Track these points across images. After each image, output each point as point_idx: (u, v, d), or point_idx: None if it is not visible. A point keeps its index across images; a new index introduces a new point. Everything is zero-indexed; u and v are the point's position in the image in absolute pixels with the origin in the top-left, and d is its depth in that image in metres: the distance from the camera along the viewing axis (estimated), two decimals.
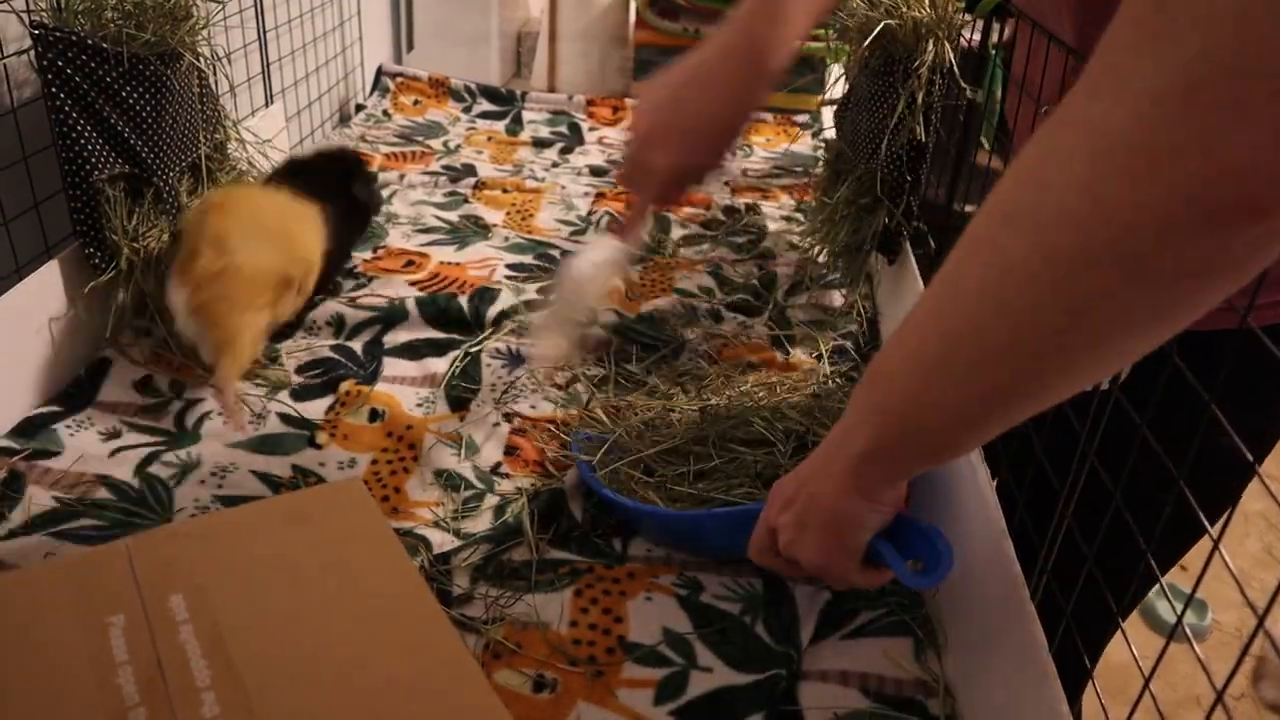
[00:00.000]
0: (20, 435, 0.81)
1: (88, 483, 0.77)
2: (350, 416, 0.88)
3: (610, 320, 1.03)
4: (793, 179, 1.53)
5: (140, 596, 0.50)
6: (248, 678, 0.46)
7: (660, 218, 1.32)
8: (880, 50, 0.98)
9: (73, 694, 0.45)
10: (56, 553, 0.70)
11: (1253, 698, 1.59)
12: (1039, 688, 0.54)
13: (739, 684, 0.65)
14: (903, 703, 0.64)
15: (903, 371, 0.49)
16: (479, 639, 0.66)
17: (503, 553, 0.74)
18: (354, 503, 0.60)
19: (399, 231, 1.24)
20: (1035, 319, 0.40)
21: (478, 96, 1.75)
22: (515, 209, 1.34)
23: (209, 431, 0.85)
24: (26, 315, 0.85)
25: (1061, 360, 0.41)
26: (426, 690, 0.48)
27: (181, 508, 0.76)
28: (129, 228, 0.92)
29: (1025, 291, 0.40)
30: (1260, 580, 1.78)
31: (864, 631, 0.69)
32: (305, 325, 1.01)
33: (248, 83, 1.29)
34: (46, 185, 0.92)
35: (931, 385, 0.47)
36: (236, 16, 1.22)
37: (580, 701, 0.63)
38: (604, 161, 1.54)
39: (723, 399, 0.87)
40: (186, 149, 0.99)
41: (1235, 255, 0.35)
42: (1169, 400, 0.53)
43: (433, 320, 1.03)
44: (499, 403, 0.91)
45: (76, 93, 0.86)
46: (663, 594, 0.71)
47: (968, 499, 0.69)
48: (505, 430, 0.88)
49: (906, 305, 0.99)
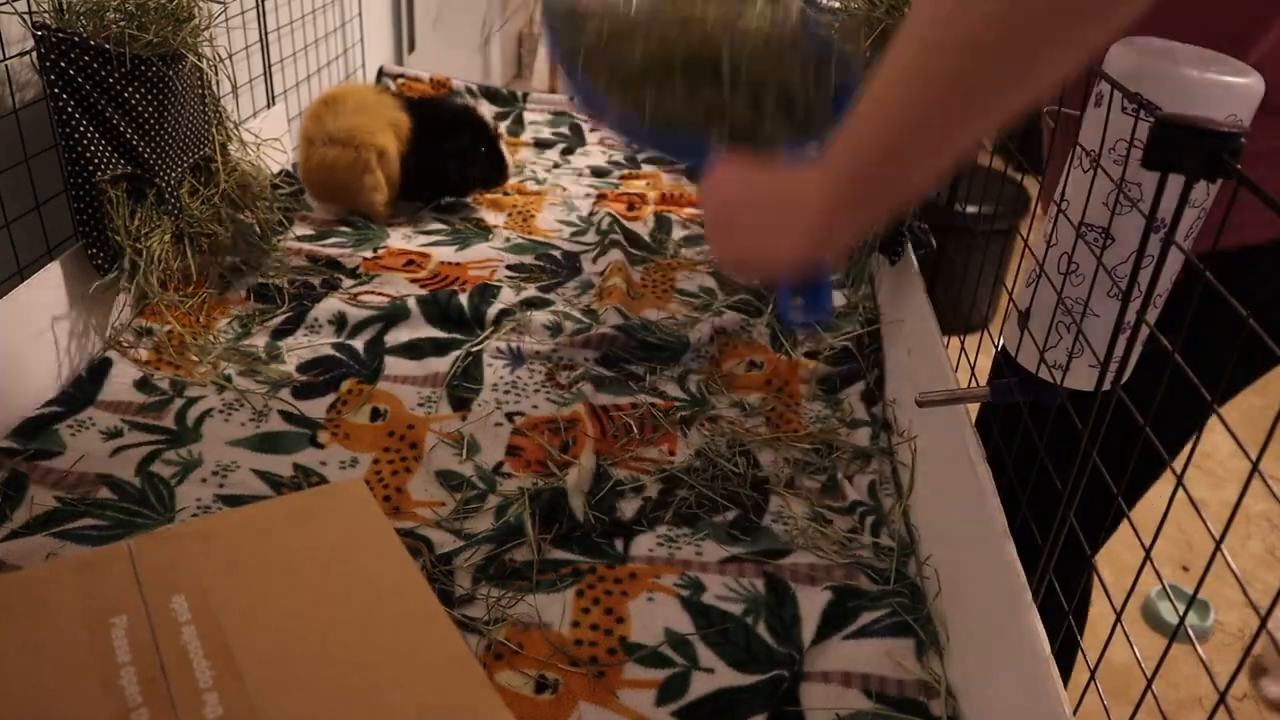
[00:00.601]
0: (22, 435, 0.81)
1: (89, 483, 0.77)
2: (352, 415, 0.88)
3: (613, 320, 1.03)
4: None
5: (143, 597, 0.50)
6: (250, 678, 0.46)
7: (662, 218, 1.32)
8: (882, 50, 0.98)
9: (75, 694, 0.45)
10: (58, 553, 0.70)
11: (1255, 698, 1.59)
12: (1040, 688, 0.54)
13: (741, 685, 0.65)
14: (904, 703, 0.64)
15: (879, 98, 0.52)
16: (481, 639, 0.66)
17: (504, 553, 0.74)
18: (356, 503, 0.60)
19: (399, 233, 1.24)
20: (986, 20, 0.46)
21: (479, 97, 1.75)
22: (516, 210, 1.34)
23: (210, 430, 0.85)
24: (28, 315, 0.85)
25: (1015, 47, 0.46)
26: (429, 690, 0.48)
27: (183, 507, 0.76)
28: (131, 228, 0.92)
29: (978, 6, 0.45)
30: (1263, 581, 1.78)
31: (866, 632, 0.69)
32: (307, 323, 1.01)
33: (249, 84, 1.29)
34: (49, 186, 0.92)
35: (910, 91, 0.50)
36: (238, 18, 1.22)
37: (582, 702, 0.63)
38: (605, 162, 1.54)
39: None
40: (188, 150, 0.99)
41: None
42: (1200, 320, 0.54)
43: (434, 319, 1.03)
44: (500, 403, 0.91)
45: (79, 94, 0.86)
46: (665, 594, 0.71)
47: (968, 500, 0.69)
48: (507, 430, 0.88)
49: (908, 305, 0.99)
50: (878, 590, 0.72)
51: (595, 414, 0.90)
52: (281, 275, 1.09)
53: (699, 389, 0.96)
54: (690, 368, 1.00)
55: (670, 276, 1.18)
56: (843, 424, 0.92)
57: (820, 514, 0.80)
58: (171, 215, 0.97)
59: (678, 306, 1.11)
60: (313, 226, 1.24)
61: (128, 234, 0.92)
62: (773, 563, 0.75)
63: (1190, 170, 0.46)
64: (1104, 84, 0.58)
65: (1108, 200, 0.60)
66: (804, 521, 0.79)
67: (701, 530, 0.77)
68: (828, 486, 0.84)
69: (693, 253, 1.25)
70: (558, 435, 0.87)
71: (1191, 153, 0.46)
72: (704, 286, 1.15)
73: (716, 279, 1.17)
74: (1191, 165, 0.46)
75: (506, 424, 0.89)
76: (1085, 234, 0.61)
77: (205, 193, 1.03)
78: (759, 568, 0.74)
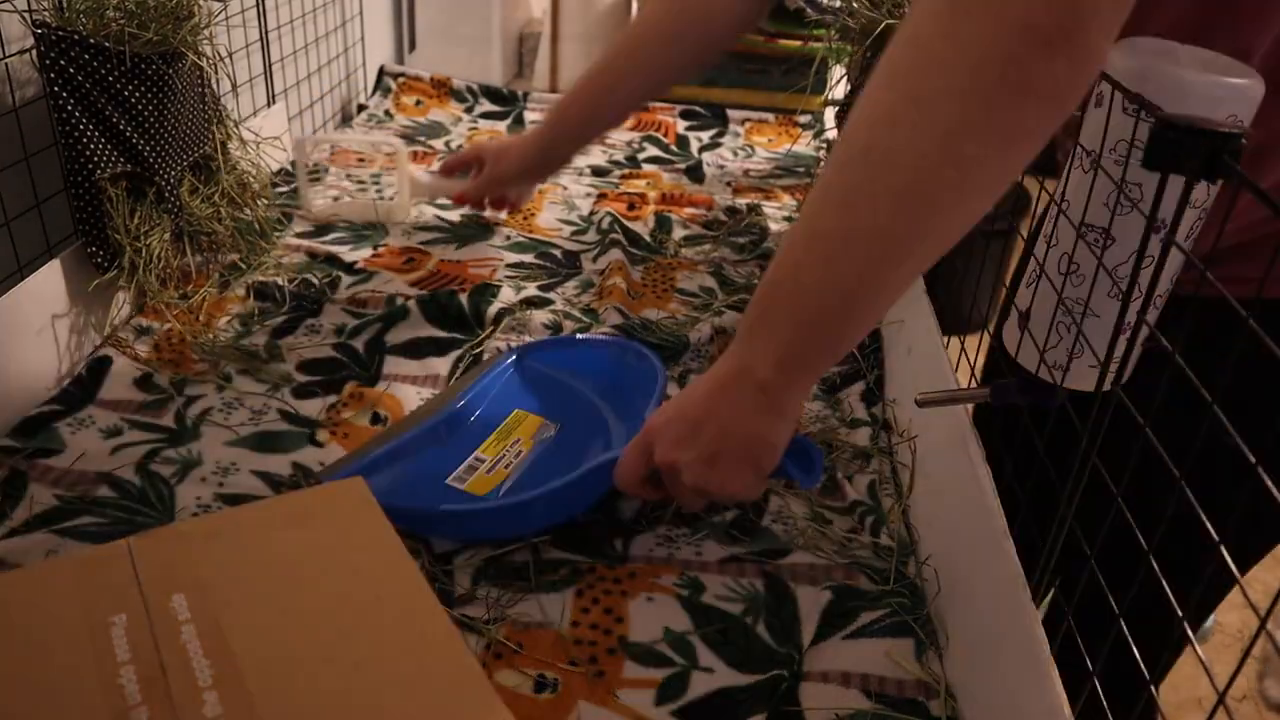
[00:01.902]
0: (21, 434, 0.81)
1: (89, 481, 0.77)
2: (352, 417, 0.88)
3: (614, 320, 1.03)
4: (795, 179, 1.53)
5: (142, 595, 0.50)
6: (250, 677, 0.46)
7: (662, 218, 1.32)
8: (882, 51, 0.98)
9: (74, 693, 0.45)
10: (58, 550, 0.70)
11: (1255, 699, 1.59)
12: (1040, 688, 0.54)
13: (740, 684, 0.65)
14: (904, 704, 0.64)
15: (801, 262, 0.54)
16: (480, 639, 0.66)
17: (505, 553, 0.74)
18: (356, 502, 0.60)
19: (399, 230, 1.24)
20: (916, 160, 0.47)
21: (480, 97, 1.75)
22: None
23: (210, 429, 0.85)
24: (28, 314, 0.85)
25: (944, 195, 0.49)
26: (428, 690, 0.48)
27: (183, 506, 0.76)
28: (131, 227, 0.92)
29: (904, 135, 0.47)
30: (1263, 582, 1.78)
31: (865, 632, 0.69)
32: (307, 322, 1.01)
33: (250, 82, 1.29)
34: (48, 184, 0.92)
35: (831, 254, 0.52)
36: (239, 16, 1.22)
37: (581, 701, 0.63)
38: (605, 162, 1.54)
39: None
40: (188, 148, 0.99)
41: (1058, 77, 0.46)
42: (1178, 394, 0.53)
43: (433, 318, 1.03)
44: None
45: (78, 92, 0.86)
46: (664, 594, 0.71)
47: (968, 499, 0.69)
48: None
49: (908, 305, 0.99)
50: (877, 590, 0.72)
51: None
52: (281, 274, 1.09)
53: None
54: (690, 367, 1.00)
55: (670, 276, 1.18)
56: (842, 424, 0.92)
57: (820, 514, 0.80)
58: (171, 213, 0.97)
59: (678, 306, 1.11)
60: (312, 224, 1.24)
61: (127, 232, 0.92)
62: (772, 563, 0.75)
63: (1190, 171, 0.46)
64: (1104, 84, 0.58)
65: (1108, 201, 0.60)
66: (804, 521, 0.79)
67: (701, 530, 0.77)
68: (827, 486, 0.84)
69: (693, 253, 1.25)
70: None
71: (1192, 153, 0.46)
72: (704, 286, 1.15)
73: (717, 279, 1.17)
74: (1191, 166, 0.46)
75: None
76: (1086, 234, 0.62)
77: (205, 191, 1.03)
78: (759, 568, 0.74)
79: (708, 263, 1.22)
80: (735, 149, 1.65)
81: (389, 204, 1.27)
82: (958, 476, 0.72)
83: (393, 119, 1.64)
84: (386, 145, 1.35)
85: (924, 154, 0.47)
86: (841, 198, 0.52)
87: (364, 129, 1.59)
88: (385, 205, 1.27)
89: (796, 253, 0.54)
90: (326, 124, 1.57)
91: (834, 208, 0.52)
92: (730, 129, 1.73)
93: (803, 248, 0.54)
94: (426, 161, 1.48)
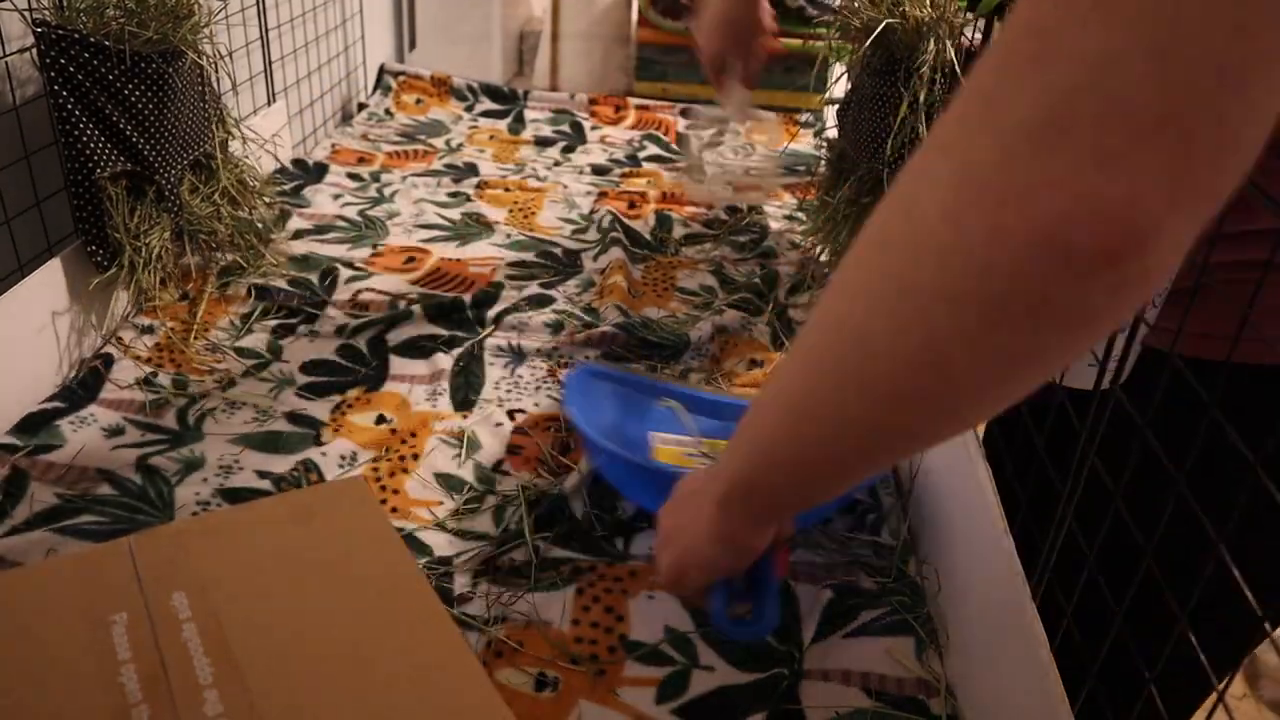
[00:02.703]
0: (22, 432, 0.81)
1: (90, 479, 0.77)
2: (355, 418, 0.88)
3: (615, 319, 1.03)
4: (795, 178, 1.53)
5: (143, 594, 0.50)
6: (250, 675, 0.46)
7: (663, 216, 1.32)
8: (882, 49, 0.98)
9: (75, 691, 0.45)
10: (58, 549, 0.70)
11: (1254, 698, 1.59)
12: (1040, 687, 0.54)
13: (741, 683, 0.65)
14: (904, 702, 0.64)
15: (770, 405, 0.48)
16: (481, 637, 0.66)
17: (505, 552, 0.74)
18: (356, 501, 0.60)
19: (400, 229, 1.24)
20: (892, 353, 0.38)
21: (480, 95, 1.75)
22: (518, 206, 1.34)
23: (210, 428, 0.85)
24: (29, 312, 0.85)
25: (919, 402, 0.39)
26: (428, 688, 0.48)
27: (183, 504, 0.76)
28: (131, 225, 0.92)
29: (882, 323, 0.38)
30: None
31: (866, 631, 0.69)
32: (308, 322, 1.01)
33: (250, 81, 1.29)
34: (49, 183, 0.92)
35: (795, 419, 0.46)
36: (238, 15, 1.22)
37: (582, 700, 0.63)
38: (606, 160, 1.54)
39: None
40: (188, 147, 0.99)
41: (1092, 304, 0.33)
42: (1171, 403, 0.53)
43: (434, 317, 1.03)
44: (501, 401, 0.91)
45: (79, 90, 0.86)
46: (664, 592, 0.71)
47: (968, 499, 0.69)
48: (508, 428, 0.88)
49: None
50: (878, 588, 0.72)
51: None
52: (282, 273, 1.09)
53: (699, 387, 0.96)
54: (691, 366, 1.00)
55: (671, 275, 1.18)
56: None
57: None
58: (171, 212, 0.97)
59: (678, 304, 1.11)
60: (312, 223, 1.24)
61: (127, 231, 0.92)
62: None
63: None
64: None
65: None
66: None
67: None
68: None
69: (693, 251, 1.25)
70: (559, 434, 0.87)
71: None
72: (704, 285, 1.15)
73: (718, 277, 1.17)
74: None
75: (508, 422, 0.89)
76: None
77: (205, 190, 1.03)
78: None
79: (708, 261, 1.22)
80: (735, 148, 1.65)
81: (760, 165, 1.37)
82: (958, 476, 0.72)
83: (393, 117, 1.64)
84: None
85: (899, 353, 0.38)
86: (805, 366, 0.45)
87: (364, 127, 1.59)
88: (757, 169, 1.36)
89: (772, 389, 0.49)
90: (326, 123, 1.57)
91: (798, 372, 0.45)
92: (730, 127, 1.73)
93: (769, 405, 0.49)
94: (428, 160, 1.48)
